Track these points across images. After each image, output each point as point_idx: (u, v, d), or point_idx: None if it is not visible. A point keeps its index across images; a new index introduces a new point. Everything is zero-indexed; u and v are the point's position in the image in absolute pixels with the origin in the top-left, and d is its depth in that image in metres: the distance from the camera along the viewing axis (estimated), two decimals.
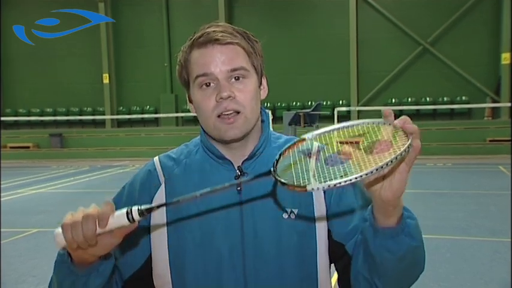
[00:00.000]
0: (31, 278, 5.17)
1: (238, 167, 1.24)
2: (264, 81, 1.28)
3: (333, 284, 1.33)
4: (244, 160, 1.24)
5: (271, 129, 1.34)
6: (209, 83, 1.18)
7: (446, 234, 6.54)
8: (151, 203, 1.21)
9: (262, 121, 1.29)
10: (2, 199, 9.37)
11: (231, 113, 1.16)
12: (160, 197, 1.24)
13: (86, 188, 11.67)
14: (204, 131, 1.26)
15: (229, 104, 1.16)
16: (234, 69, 1.17)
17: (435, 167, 13.97)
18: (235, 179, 1.22)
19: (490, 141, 16.16)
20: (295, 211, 1.21)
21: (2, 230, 6.67)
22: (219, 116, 1.17)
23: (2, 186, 10.30)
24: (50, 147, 19.83)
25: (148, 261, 1.26)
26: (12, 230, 7.20)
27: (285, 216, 1.21)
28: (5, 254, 5.95)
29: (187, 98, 1.29)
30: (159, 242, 1.23)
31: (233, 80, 1.18)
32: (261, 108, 1.27)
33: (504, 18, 16.79)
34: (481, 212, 7.82)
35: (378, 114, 18.52)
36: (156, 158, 1.33)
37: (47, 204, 9.60)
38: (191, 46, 1.21)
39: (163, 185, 1.26)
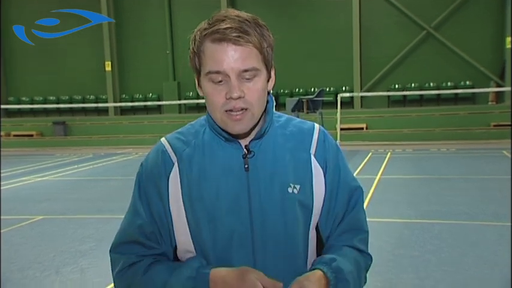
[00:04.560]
0: (36, 264, 5.20)
1: (245, 146, 1.30)
2: (272, 73, 1.32)
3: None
4: (251, 140, 1.31)
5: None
6: (220, 80, 1.22)
7: (450, 219, 6.55)
8: (167, 182, 1.30)
9: (267, 102, 1.34)
10: (6, 187, 9.42)
11: (239, 110, 1.22)
12: (174, 175, 1.30)
13: (90, 175, 11.71)
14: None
15: (237, 103, 1.21)
16: (246, 70, 1.21)
17: (439, 152, 13.94)
18: (243, 157, 1.29)
19: (494, 126, 16.10)
20: (298, 187, 1.29)
21: (7, 217, 6.70)
22: (226, 111, 1.23)
23: (6, 174, 10.34)
24: (54, 135, 19.87)
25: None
26: (17, 217, 7.25)
27: (290, 190, 1.29)
28: (10, 241, 5.99)
29: (196, 82, 1.32)
30: (180, 218, 1.29)
31: (244, 79, 1.22)
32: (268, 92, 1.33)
33: (509, 1, 16.62)
34: (485, 197, 7.81)
35: (381, 100, 18.49)
36: (163, 140, 1.37)
37: (52, 191, 9.64)
38: (205, 36, 1.23)
39: (176, 164, 1.31)
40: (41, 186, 10.45)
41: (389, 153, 13.73)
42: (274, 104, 1.37)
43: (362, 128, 17.48)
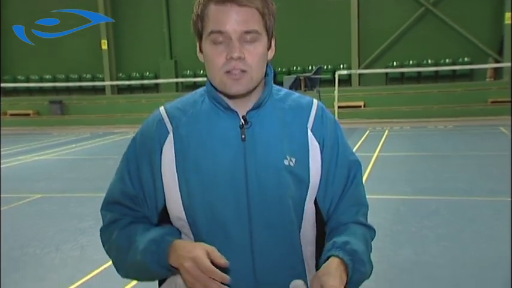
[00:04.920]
0: (36, 242, 5.23)
1: (242, 116, 1.31)
2: (273, 43, 1.34)
3: None
4: (249, 110, 1.31)
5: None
6: (222, 41, 1.23)
7: (447, 195, 6.59)
8: (161, 151, 1.31)
9: (267, 75, 1.35)
10: (4, 166, 9.42)
11: (238, 72, 1.24)
12: (169, 145, 1.31)
13: (88, 154, 11.72)
14: (210, 82, 1.32)
15: (237, 64, 1.22)
16: (247, 32, 1.23)
17: (436, 129, 13.96)
18: (240, 128, 1.30)
19: (492, 102, 16.09)
20: (294, 160, 1.30)
21: (5, 195, 6.72)
22: (226, 72, 1.24)
23: (4, 153, 10.33)
24: (50, 114, 19.80)
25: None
26: (15, 195, 7.26)
27: (286, 162, 1.29)
28: (9, 219, 6.01)
29: (197, 48, 1.33)
30: (172, 186, 1.30)
31: (245, 41, 1.23)
32: (266, 63, 1.33)
33: None
34: (482, 173, 7.86)
35: (378, 78, 18.43)
36: (161, 108, 1.38)
37: (49, 170, 9.66)
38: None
39: (171, 134, 1.32)
40: (38, 165, 10.46)
41: (387, 131, 13.74)
42: (273, 76, 1.37)
43: (360, 106, 17.45)
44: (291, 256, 1.32)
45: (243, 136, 1.29)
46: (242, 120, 1.30)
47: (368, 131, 13.70)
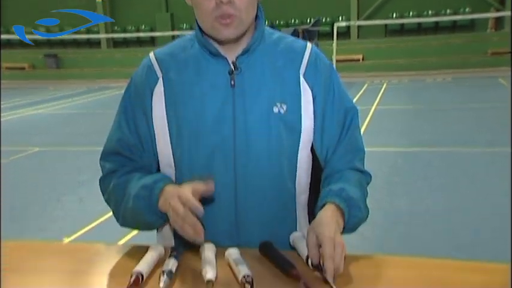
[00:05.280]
0: (36, 193, 5.29)
1: (232, 62, 1.28)
2: None
3: None
4: (238, 56, 1.29)
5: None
6: None
7: (444, 147, 6.63)
8: (151, 96, 1.30)
9: (257, 17, 1.31)
10: (4, 118, 9.39)
11: (228, 16, 1.21)
12: (159, 90, 1.30)
13: (84, 108, 11.68)
14: (199, 28, 1.29)
15: (227, 8, 1.19)
16: None
17: (435, 82, 13.89)
18: (229, 74, 1.27)
19: (492, 53, 15.92)
20: (285, 107, 1.27)
21: (3, 148, 6.73)
22: (216, 17, 1.21)
23: (1, 106, 10.28)
24: (45, 68, 19.59)
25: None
26: (13, 149, 7.27)
27: (275, 110, 1.27)
28: (8, 172, 6.04)
29: None
30: (162, 131, 1.29)
31: None
32: (257, 5, 1.29)
33: None
34: (478, 125, 7.88)
35: (378, 31, 18.15)
36: (151, 54, 1.36)
37: (46, 124, 9.65)
38: None
39: (161, 79, 1.30)
40: (35, 119, 10.44)
41: (385, 84, 13.67)
42: (264, 19, 1.34)
43: (358, 59, 17.28)
44: (279, 205, 1.31)
45: (232, 82, 1.26)
46: (231, 65, 1.27)
47: (366, 85, 13.63)
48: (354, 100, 10.45)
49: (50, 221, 4.54)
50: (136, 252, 1.18)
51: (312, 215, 1.34)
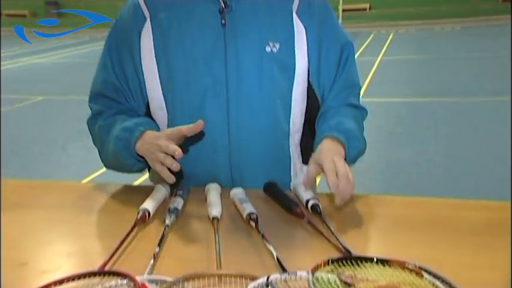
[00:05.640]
0: (42, 141, 5.33)
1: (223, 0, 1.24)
2: None
3: None
4: None
5: None
6: None
7: (449, 96, 6.58)
8: (139, 38, 1.26)
9: None
10: (3, 68, 9.34)
11: None
12: (147, 32, 1.26)
13: (87, 58, 11.56)
14: None
15: None
16: None
17: (443, 31, 13.65)
18: (219, 12, 1.24)
19: (503, 1, 15.53)
20: (277, 45, 1.25)
21: (6, 96, 6.73)
22: None
23: (2, 55, 10.20)
24: (47, 15, 19.28)
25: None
26: (17, 97, 7.27)
27: (268, 49, 1.25)
28: (12, 120, 6.07)
29: None
30: (152, 73, 1.27)
31: None
32: None
33: None
34: (484, 74, 7.79)
35: None
36: None
37: (50, 73, 9.60)
38: None
39: (148, 20, 1.26)
40: (37, 67, 10.38)
41: (391, 34, 13.45)
42: None
43: (365, 9, 16.93)
44: (273, 144, 1.31)
45: (223, 21, 1.23)
46: (222, 3, 1.23)
47: (372, 35, 13.41)
48: (360, 51, 10.31)
49: (55, 168, 4.59)
50: (143, 191, 1.20)
51: (305, 155, 1.37)
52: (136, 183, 3.72)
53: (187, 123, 1.12)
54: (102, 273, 0.80)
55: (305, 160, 1.38)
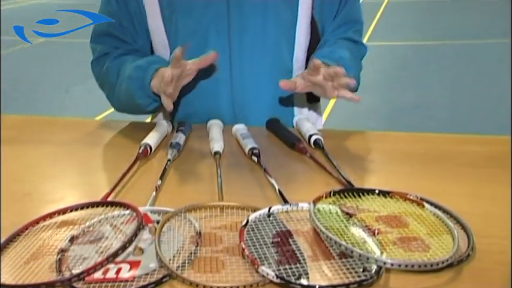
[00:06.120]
0: (45, 82, 5.32)
1: None
2: None
3: None
4: None
5: None
6: None
7: (456, 39, 6.47)
8: None
9: None
10: (3, 8, 9.19)
11: None
12: None
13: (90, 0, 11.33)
14: None
15: None
16: None
17: None
18: None
19: None
20: None
21: (8, 37, 6.65)
22: None
23: None
24: None
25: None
26: (19, 38, 7.18)
27: None
28: (15, 61, 6.02)
29: None
30: (153, 12, 1.24)
31: None
32: None
33: None
34: (496, 16, 7.62)
35: None
36: None
37: (51, 15, 9.43)
38: None
39: None
40: (39, 9, 10.19)
41: None
42: None
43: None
44: (276, 82, 1.23)
45: None
46: None
47: None
48: None
49: (58, 111, 4.59)
50: (145, 127, 1.20)
51: (308, 93, 1.33)
52: None
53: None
54: (105, 203, 0.81)
55: (308, 98, 1.37)
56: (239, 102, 1.27)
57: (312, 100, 1.38)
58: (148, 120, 1.43)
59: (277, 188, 0.87)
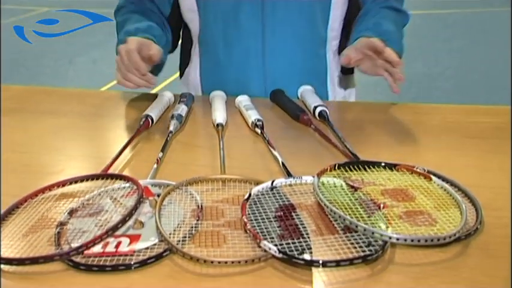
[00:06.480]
0: (49, 54, 5.28)
1: None
2: None
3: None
4: None
5: None
6: None
7: (467, 7, 6.34)
8: None
9: None
10: None
11: None
12: None
13: None
14: None
15: None
16: None
17: None
18: None
19: None
20: None
21: (10, 7, 6.59)
22: None
23: None
24: None
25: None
26: (21, 7, 7.11)
27: None
28: (15, 32, 5.97)
29: None
30: None
31: None
32: None
33: None
34: None
35: None
36: None
37: None
38: None
39: None
40: None
41: None
42: None
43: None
44: (310, 52, 1.25)
45: None
46: None
47: None
48: None
49: (62, 81, 4.57)
50: (147, 98, 1.18)
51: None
52: None
53: (220, 28, 1.14)
54: (105, 176, 0.80)
55: (343, 69, 1.33)
56: (270, 73, 1.23)
57: (347, 72, 1.34)
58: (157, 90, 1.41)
59: (280, 160, 0.85)
